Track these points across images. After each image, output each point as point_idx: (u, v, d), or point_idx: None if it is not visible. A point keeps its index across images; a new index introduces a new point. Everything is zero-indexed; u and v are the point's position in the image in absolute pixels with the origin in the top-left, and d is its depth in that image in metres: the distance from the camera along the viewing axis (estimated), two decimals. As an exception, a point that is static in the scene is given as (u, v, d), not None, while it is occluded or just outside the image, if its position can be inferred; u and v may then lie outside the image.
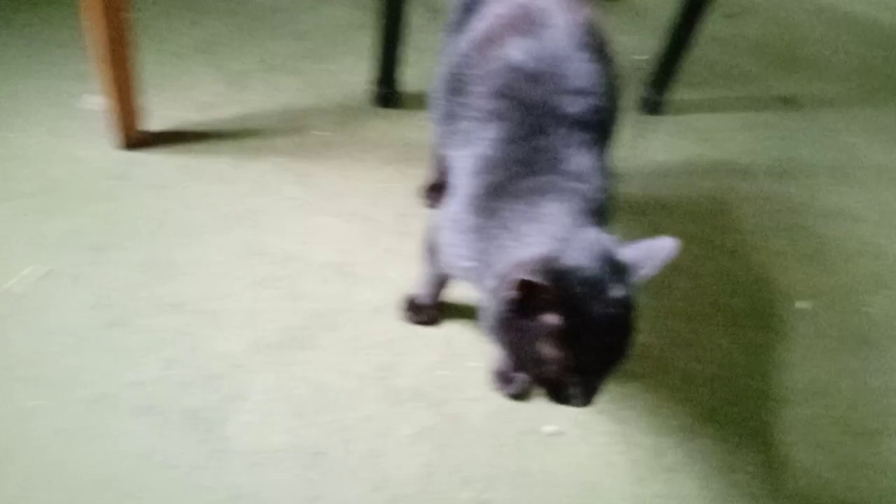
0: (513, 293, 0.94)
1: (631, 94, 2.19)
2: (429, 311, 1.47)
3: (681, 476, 1.31)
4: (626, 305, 0.95)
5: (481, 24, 1.27)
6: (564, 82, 1.12)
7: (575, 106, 1.11)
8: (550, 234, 1.01)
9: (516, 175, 1.09)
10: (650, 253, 0.97)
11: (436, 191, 1.71)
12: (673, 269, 1.66)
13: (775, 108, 2.33)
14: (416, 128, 1.93)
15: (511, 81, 1.14)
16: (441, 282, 1.41)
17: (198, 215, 1.61)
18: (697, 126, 2.17)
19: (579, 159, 1.09)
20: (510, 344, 1.02)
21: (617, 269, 0.96)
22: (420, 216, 1.69)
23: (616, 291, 0.94)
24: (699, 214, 1.86)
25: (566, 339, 0.93)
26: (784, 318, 1.63)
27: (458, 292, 1.46)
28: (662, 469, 1.31)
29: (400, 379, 1.38)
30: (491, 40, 1.21)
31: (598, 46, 1.19)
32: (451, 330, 1.46)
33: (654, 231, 1.04)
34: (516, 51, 1.15)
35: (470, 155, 1.16)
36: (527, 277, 0.90)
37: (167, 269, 1.50)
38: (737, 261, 1.75)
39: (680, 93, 2.23)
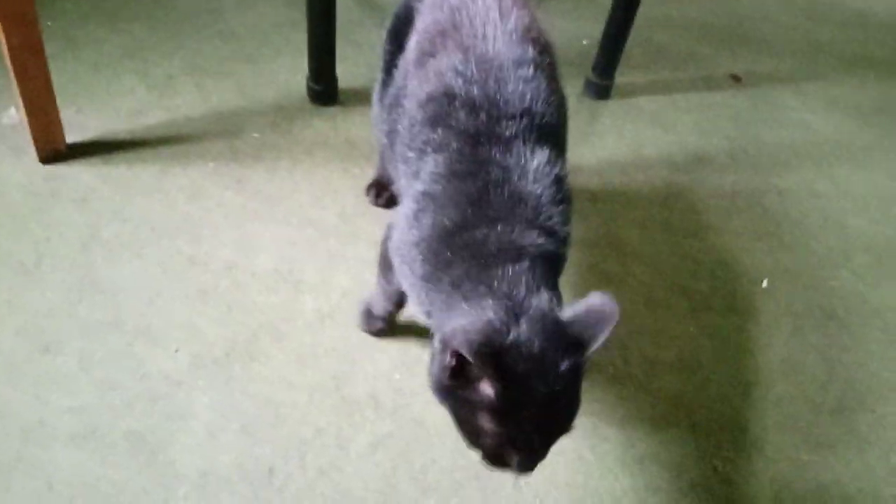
0: (450, 361, 0.92)
1: (577, 80, 2.21)
2: (384, 321, 1.43)
3: (653, 467, 1.31)
4: (570, 380, 0.93)
5: (416, 35, 1.26)
6: (504, 106, 1.07)
7: (519, 128, 1.06)
8: (501, 300, 0.96)
9: (468, 221, 1.03)
10: (597, 318, 0.95)
11: (382, 188, 1.69)
12: (631, 255, 1.68)
13: (725, 87, 2.37)
14: (357, 125, 1.92)
15: (446, 110, 1.09)
16: (397, 299, 1.36)
17: (129, 228, 1.58)
18: (647, 109, 2.19)
19: (534, 196, 1.04)
20: (449, 408, 0.99)
21: (564, 342, 0.94)
22: (367, 216, 1.68)
23: (561, 366, 0.92)
24: (655, 198, 1.88)
25: (503, 413, 0.91)
26: (749, 298, 1.65)
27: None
28: (634, 461, 1.32)
29: (353, 387, 1.37)
30: (425, 53, 1.19)
31: (537, 51, 1.15)
32: (405, 333, 1.45)
33: (611, 218, 1.05)
34: (450, 73, 1.11)
35: (414, 189, 1.11)
36: (461, 349, 0.87)
37: (100, 286, 1.46)
38: (697, 243, 1.77)
39: (626, 76, 2.25)
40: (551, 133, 1.11)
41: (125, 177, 1.69)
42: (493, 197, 1.03)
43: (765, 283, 1.69)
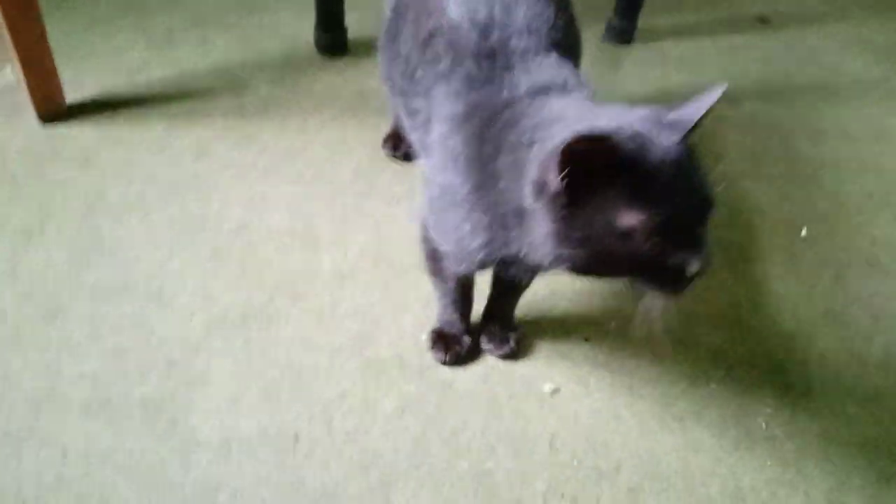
0: (559, 181, 0.84)
1: (598, 24, 2.14)
2: (462, 339, 1.33)
3: (693, 425, 1.27)
4: (688, 153, 0.89)
5: None
6: (510, 27, 1.08)
7: (530, 43, 1.07)
8: (573, 121, 0.92)
9: (497, 111, 1.02)
10: (695, 104, 0.93)
11: (400, 140, 1.64)
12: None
13: (752, 29, 2.30)
14: (368, 76, 1.86)
15: (453, 39, 1.09)
16: (463, 294, 1.29)
17: (135, 189, 1.54)
18: (671, 53, 2.13)
19: (556, 73, 1.05)
20: (582, 248, 0.89)
21: (661, 123, 0.90)
22: (383, 170, 1.63)
23: (669, 138, 0.87)
24: (684, 146, 1.82)
25: (639, 195, 0.84)
26: (788, 247, 1.60)
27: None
28: (673, 419, 1.28)
29: (377, 348, 1.33)
30: None
31: None
32: (427, 289, 1.41)
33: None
34: (453, 5, 1.11)
35: (433, 123, 1.10)
36: (573, 147, 0.80)
37: (107, 250, 1.42)
38: (731, 190, 1.71)
39: (649, 19, 2.18)
40: (565, 39, 1.13)
41: (129, 136, 1.65)
42: (515, 92, 1.03)
43: (804, 232, 1.63)
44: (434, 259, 1.21)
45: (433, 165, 1.11)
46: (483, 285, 1.32)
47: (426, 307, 1.39)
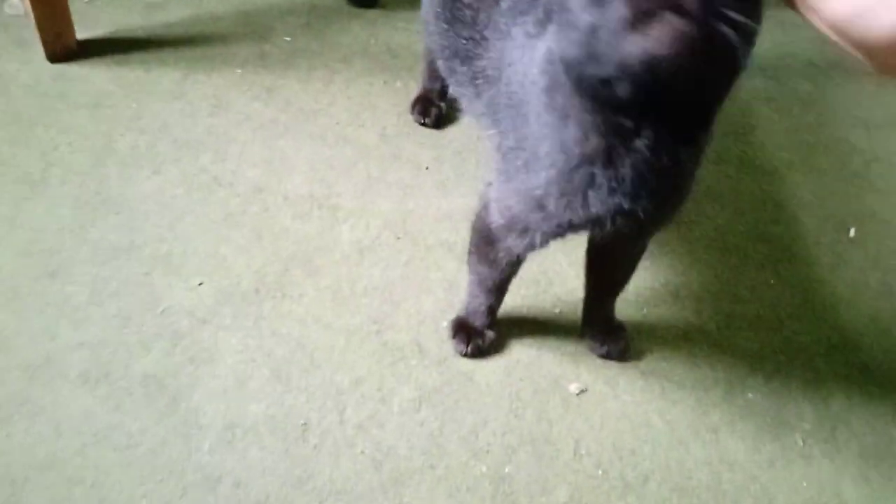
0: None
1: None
2: (486, 332, 1.24)
3: (727, 437, 1.21)
4: None
5: None
6: None
7: None
8: None
9: None
10: None
11: (430, 104, 1.55)
12: (704, 193, 1.54)
13: (807, 3, 2.17)
14: (399, 31, 1.76)
15: None
16: (503, 285, 1.20)
17: (146, 140, 1.45)
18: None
19: None
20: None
21: None
22: (410, 136, 1.54)
23: None
24: (730, 130, 1.72)
25: None
26: (834, 247, 1.52)
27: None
28: (707, 430, 1.21)
29: (396, 332, 1.26)
30: None
31: None
32: (454, 271, 1.33)
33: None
34: None
35: (507, 71, 1.00)
36: None
37: (114, 205, 1.34)
38: (777, 182, 1.62)
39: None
40: None
41: (142, 81, 1.55)
42: None
43: (852, 233, 1.55)
44: (489, 242, 1.11)
45: (507, 123, 1.00)
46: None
47: (449, 290, 1.31)
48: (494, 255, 1.11)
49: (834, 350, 1.35)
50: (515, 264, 1.14)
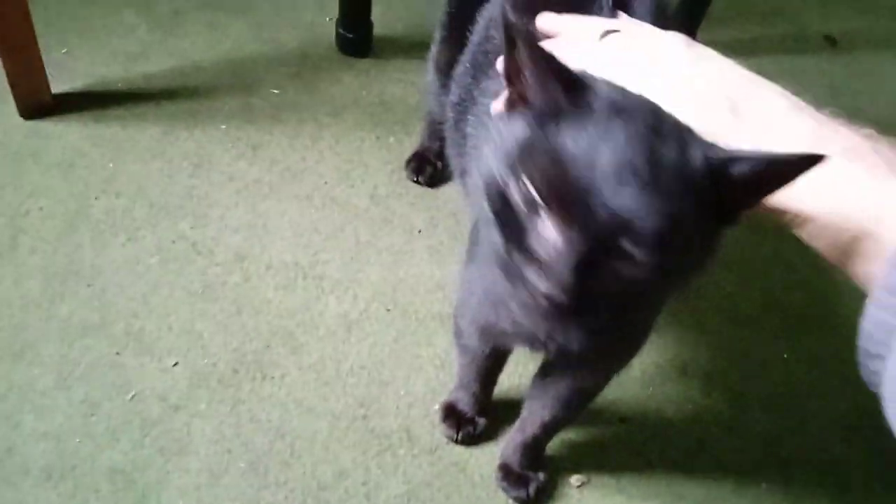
0: None
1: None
2: (478, 420, 1.17)
3: (740, 534, 1.13)
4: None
5: None
6: None
7: None
8: None
9: None
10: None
11: (425, 161, 1.48)
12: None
13: (817, 49, 2.11)
14: (393, 82, 1.69)
15: None
16: (486, 374, 1.11)
17: (123, 203, 1.39)
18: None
19: None
20: None
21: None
22: (403, 197, 1.47)
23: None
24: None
25: None
26: (852, 317, 1.43)
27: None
28: (717, 526, 1.13)
29: (383, 417, 1.19)
30: None
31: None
32: (446, 347, 1.26)
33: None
34: None
35: None
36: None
37: (85, 277, 1.28)
38: (790, 243, 1.54)
39: (710, 32, 2.00)
40: None
41: (120, 138, 1.49)
42: None
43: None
44: (455, 327, 1.04)
45: (473, 202, 0.91)
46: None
47: (441, 368, 1.25)
48: (460, 343, 1.05)
49: (851, 432, 1.27)
50: (486, 357, 1.05)
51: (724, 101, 0.66)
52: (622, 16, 0.84)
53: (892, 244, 0.57)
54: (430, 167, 1.49)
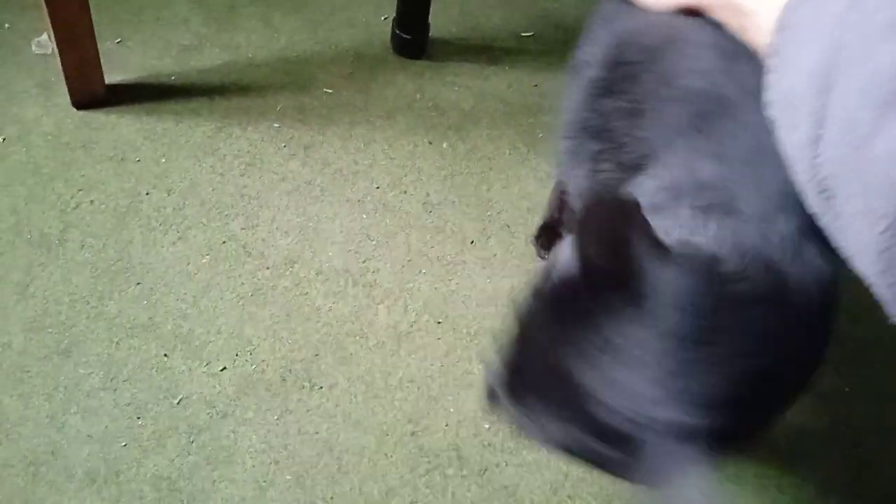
0: None
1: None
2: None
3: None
4: None
5: None
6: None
7: None
8: None
9: None
10: None
11: (556, 236, 1.39)
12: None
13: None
14: (447, 85, 1.65)
15: None
16: None
17: (174, 200, 1.36)
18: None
19: None
20: None
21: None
22: (456, 205, 1.44)
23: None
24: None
25: None
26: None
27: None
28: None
29: (433, 434, 1.15)
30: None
31: None
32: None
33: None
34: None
35: None
36: None
37: (135, 275, 1.25)
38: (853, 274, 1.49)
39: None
40: None
41: (172, 133, 1.46)
42: None
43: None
44: None
45: None
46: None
47: (493, 387, 1.20)
48: None
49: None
50: None
51: None
52: None
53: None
54: (559, 239, 1.41)
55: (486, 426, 1.16)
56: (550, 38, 1.77)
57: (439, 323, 1.28)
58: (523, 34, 1.79)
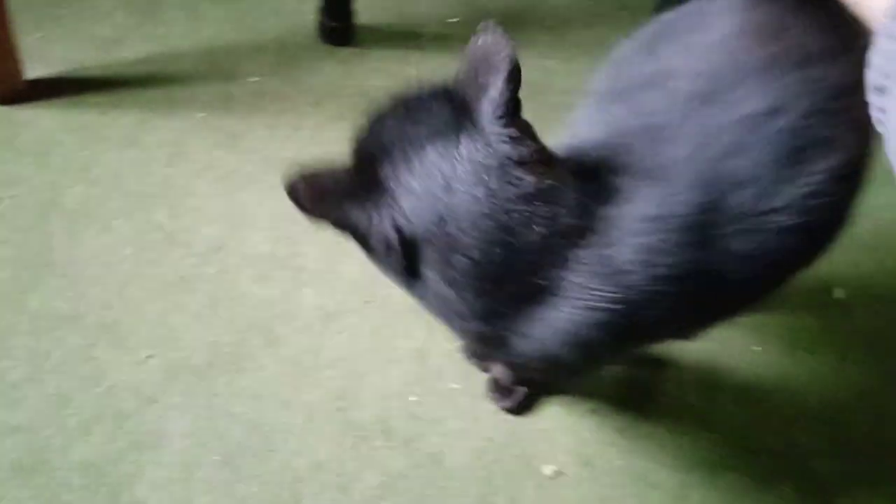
0: None
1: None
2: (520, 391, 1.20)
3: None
4: None
5: None
6: None
7: None
8: None
9: None
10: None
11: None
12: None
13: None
14: (374, 71, 1.67)
15: None
16: None
17: (97, 192, 1.36)
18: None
19: None
20: None
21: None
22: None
23: None
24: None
25: None
26: (819, 310, 1.44)
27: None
28: (690, 518, 1.13)
29: (360, 409, 1.18)
30: None
31: None
32: (425, 340, 1.25)
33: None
34: None
35: None
36: None
37: (58, 267, 1.26)
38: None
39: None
40: None
41: (95, 125, 1.46)
42: None
43: (838, 293, 1.47)
44: None
45: None
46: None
47: (419, 361, 1.23)
48: None
49: (819, 425, 1.27)
50: None
51: None
52: None
53: None
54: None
55: (413, 398, 1.19)
56: (477, 23, 1.78)
57: (367, 302, 1.31)
58: (449, 20, 1.81)
